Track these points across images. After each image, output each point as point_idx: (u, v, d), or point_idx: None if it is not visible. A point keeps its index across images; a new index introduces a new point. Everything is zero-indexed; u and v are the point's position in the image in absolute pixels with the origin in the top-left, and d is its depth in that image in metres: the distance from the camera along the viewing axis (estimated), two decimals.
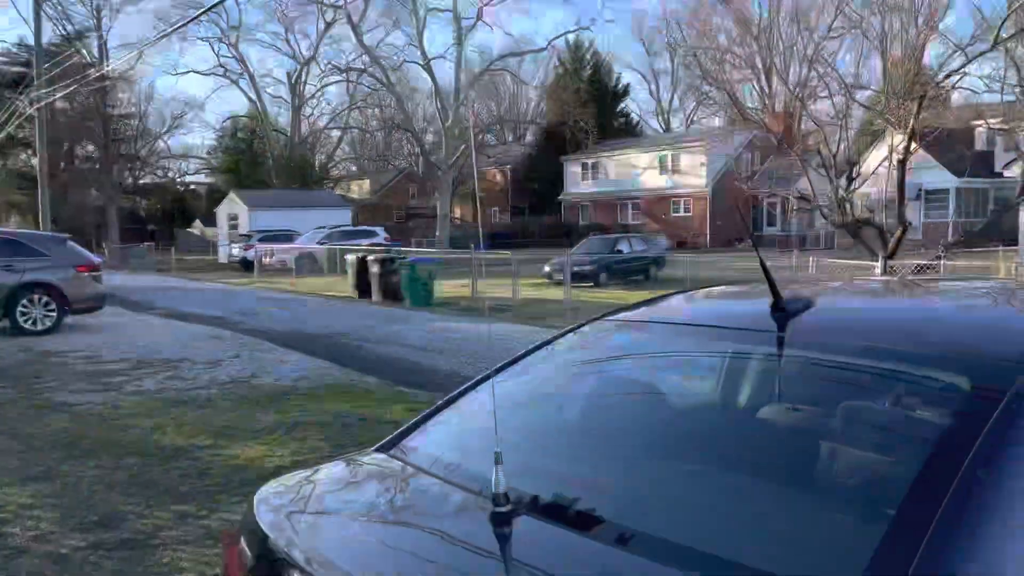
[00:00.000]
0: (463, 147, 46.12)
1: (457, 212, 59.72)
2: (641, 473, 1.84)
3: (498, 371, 2.28)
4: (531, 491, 1.68)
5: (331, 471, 2.02)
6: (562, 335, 2.41)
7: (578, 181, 52.45)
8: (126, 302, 19.84)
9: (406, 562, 1.50)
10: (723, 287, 2.60)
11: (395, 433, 2.18)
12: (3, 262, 12.63)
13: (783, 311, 1.92)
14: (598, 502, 1.68)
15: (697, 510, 1.64)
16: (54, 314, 12.99)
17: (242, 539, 1.75)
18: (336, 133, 63.91)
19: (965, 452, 1.34)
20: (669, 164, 47.22)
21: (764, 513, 1.59)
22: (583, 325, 2.44)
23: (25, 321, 12.78)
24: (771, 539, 1.49)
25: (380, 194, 59.82)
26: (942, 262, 11.56)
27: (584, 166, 52.06)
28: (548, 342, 2.39)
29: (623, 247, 23.74)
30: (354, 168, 68.46)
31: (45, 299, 12.90)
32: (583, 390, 2.22)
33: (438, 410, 2.22)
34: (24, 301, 12.74)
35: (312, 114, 61.68)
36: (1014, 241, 17.33)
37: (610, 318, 2.43)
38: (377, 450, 2.11)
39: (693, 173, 45.75)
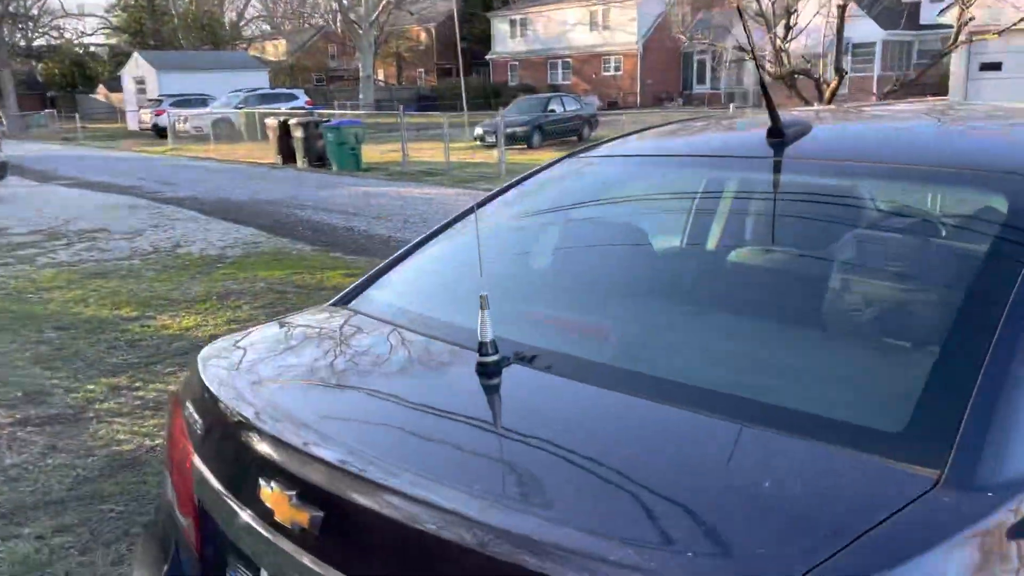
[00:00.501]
0: (384, 3, 43.64)
1: (381, 74, 57.30)
2: (649, 319, 1.67)
3: (470, 211, 2.05)
4: (523, 339, 1.50)
5: (285, 325, 1.79)
6: (536, 172, 2.17)
7: (506, 39, 50.56)
8: (31, 172, 18.62)
9: (387, 420, 1.32)
10: (710, 118, 2.38)
11: (353, 285, 1.96)
12: None
13: (781, 135, 1.73)
14: (593, 347, 1.52)
15: (721, 354, 1.49)
16: None
17: (188, 403, 1.53)
18: None
19: (1012, 279, 1.20)
20: (600, 20, 45.77)
21: (795, 354, 1.44)
22: (558, 162, 2.21)
23: None
24: (803, 379, 1.35)
25: (297, 55, 56.67)
26: None
27: (512, 23, 50.05)
28: (521, 180, 2.16)
29: (555, 107, 23.16)
30: (267, 27, 64.38)
31: None
32: (568, 233, 2.02)
33: (400, 260, 1.99)
34: None
35: None
36: (940, 93, 17.45)
37: (587, 154, 2.20)
38: (335, 304, 1.89)
39: (623, 30, 44.51)
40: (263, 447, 1.27)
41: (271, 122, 19.14)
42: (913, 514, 0.92)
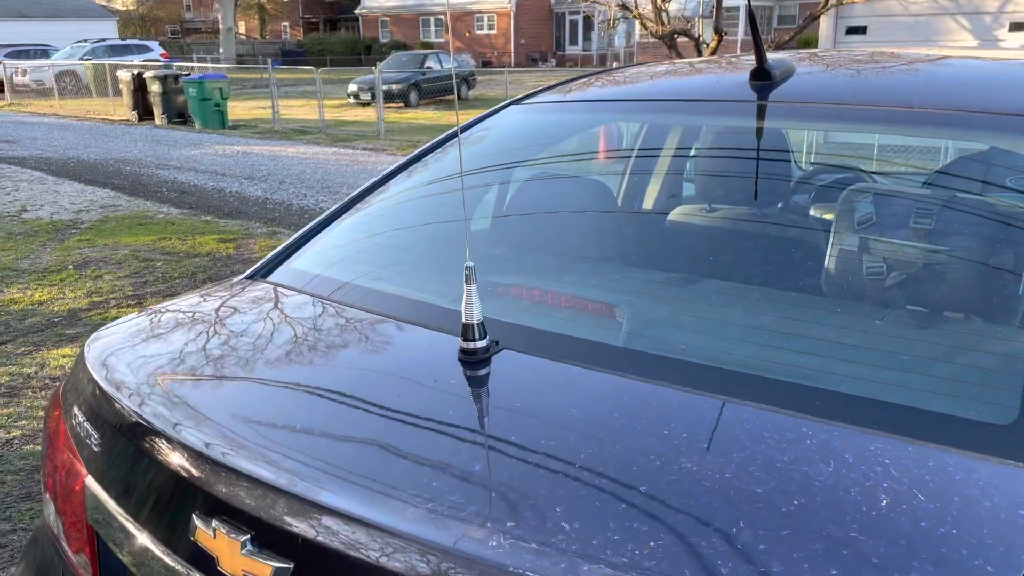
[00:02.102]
0: None
1: (242, 27, 54.31)
2: (652, 290, 1.44)
3: (406, 165, 1.75)
4: (503, 318, 1.24)
5: (193, 304, 1.45)
6: (469, 126, 1.88)
7: None
8: None
9: (349, 430, 1.01)
10: (684, 60, 2.16)
11: (272, 254, 1.63)
12: None
13: (768, 77, 1.54)
14: (609, 328, 1.28)
15: (750, 330, 1.27)
16: None
17: (74, 408, 1.19)
18: None
19: None
20: None
21: (845, 331, 1.24)
22: (501, 109, 1.93)
23: None
24: (862, 360, 1.15)
25: (148, 5, 52.79)
26: None
27: None
28: (464, 128, 1.87)
29: (432, 64, 22.55)
30: None
31: None
32: (530, 194, 1.75)
33: (327, 223, 1.68)
34: None
35: None
36: None
37: (535, 99, 1.93)
38: (250, 276, 1.56)
39: None
40: (194, 470, 0.96)
41: (124, 75, 17.63)
42: None
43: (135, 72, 17.47)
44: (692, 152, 1.87)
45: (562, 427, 0.97)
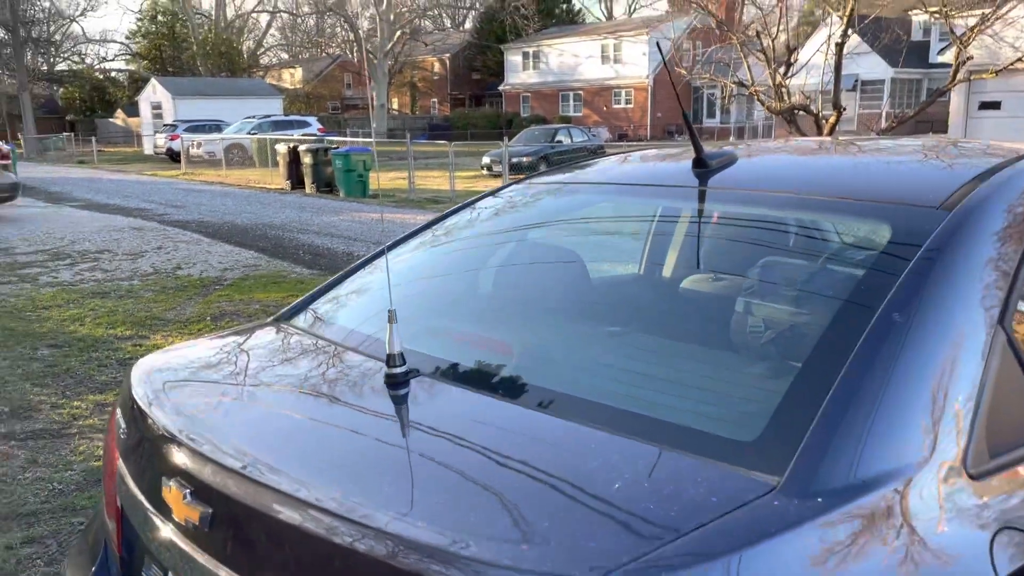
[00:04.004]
0: (399, 33, 44.33)
1: (395, 103, 58.00)
2: (552, 336, 1.76)
3: (406, 238, 2.14)
4: (434, 354, 1.58)
5: (218, 341, 1.87)
6: (473, 202, 2.27)
7: (519, 71, 51.18)
8: (44, 193, 18.92)
9: (288, 426, 1.39)
10: (654, 150, 2.48)
11: (297, 301, 2.04)
12: None
13: (705, 166, 1.82)
14: (507, 364, 1.60)
15: (606, 368, 1.58)
16: None
17: (118, 409, 1.61)
18: (265, 17, 60.76)
19: (877, 302, 1.26)
20: (611, 54, 46.31)
21: (673, 369, 1.52)
22: (498, 191, 2.30)
23: None
24: (678, 393, 1.43)
25: (313, 84, 57.51)
26: None
27: (525, 55, 50.68)
28: (457, 209, 2.25)
29: (562, 138, 23.42)
30: (285, 56, 65.46)
31: None
32: (496, 255, 2.11)
33: (341, 280, 2.08)
34: None
35: None
36: (942, 130, 17.55)
37: (527, 181, 2.30)
38: (273, 320, 1.98)
39: (635, 63, 45.00)
40: (167, 450, 1.35)
41: (281, 148, 19.42)
42: (740, 515, 0.98)
43: (291, 145, 19.19)
44: (640, 229, 2.17)
45: (445, 434, 1.30)
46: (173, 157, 29.55)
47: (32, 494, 3.68)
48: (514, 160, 20.37)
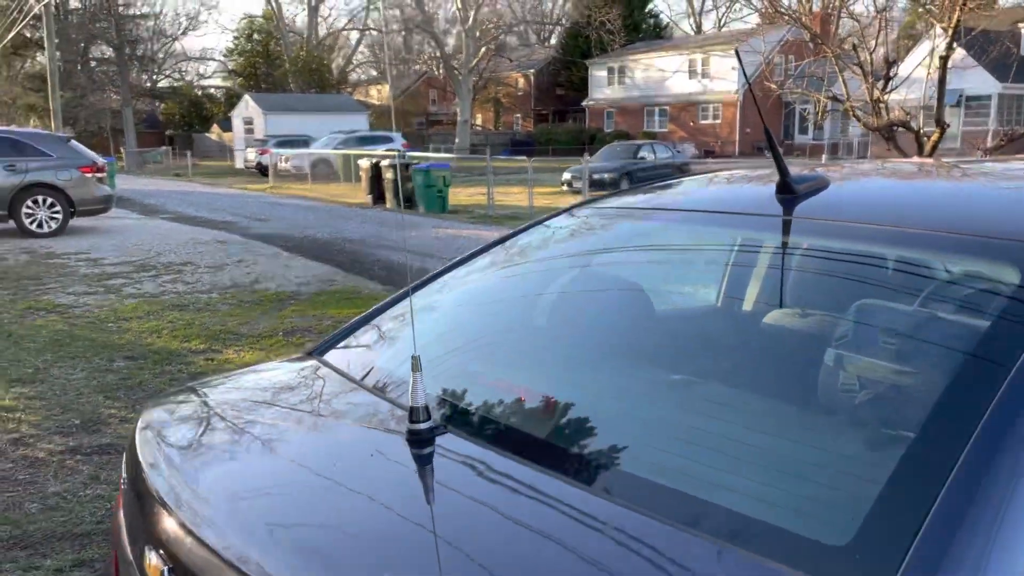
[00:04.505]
0: (484, 49, 44.69)
1: (479, 118, 58.53)
2: (605, 387, 1.51)
3: (447, 269, 1.93)
4: (469, 404, 1.35)
5: (240, 379, 1.70)
6: (530, 227, 2.04)
7: (603, 86, 50.88)
8: (139, 206, 19.65)
9: (290, 499, 1.18)
10: (738, 170, 2.21)
11: (332, 335, 1.85)
12: (4, 162, 12.35)
13: (791, 191, 1.54)
14: (551, 423, 1.36)
15: (662, 431, 1.33)
16: (59, 216, 12.78)
17: (125, 453, 1.45)
18: (355, 35, 62.36)
19: (1008, 361, 0.98)
20: (699, 68, 45.56)
21: (742, 436, 1.25)
22: (558, 214, 2.07)
23: (31, 223, 12.59)
24: (745, 468, 1.16)
25: (399, 99, 58.57)
26: None
27: (610, 70, 50.37)
28: (514, 234, 2.03)
29: (645, 154, 23.01)
30: (374, 72, 66.98)
31: (50, 200, 12.66)
32: (550, 288, 1.87)
33: (385, 309, 1.88)
34: (28, 202, 12.52)
35: (330, 15, 60.04)
36: None
37: (590, 205, 2.05)
38: (306, 354, 1.79)
39: (724, 78, 44.10)
40: (155, 516, 1.17)
41: (364, 163, 19.67)
42: None
43: (373, 161, 19.42)
44: (711, 263, 1.90)
45: (466, 512, 1.07)
46: (262, 171, 30.41)
47: (89, 513, 3.62)
48: (595, 176, 20.09)
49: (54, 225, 12.76)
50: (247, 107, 41.91)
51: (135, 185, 27.17)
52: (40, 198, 12.59)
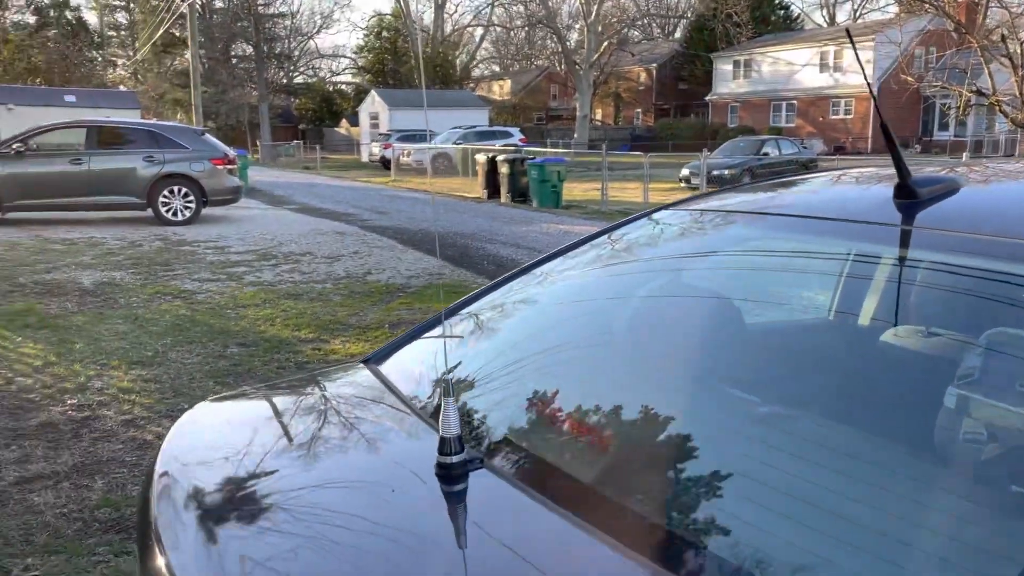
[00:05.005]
0: (606, 44, 44.25)
1: (599, 113, 58.08)
2: (688, 426, 1.30)
3: (515, 275, 1.80)
4: (514, 432, 1.22)
5: (285, 388, 1.63)
6: (614, 228, 1.89)
7: (728, 80, 49.37)
8: (268, 196, 20.53)
9: (281, 534, 1.07)
10: (851, 170, 1.98)
11: (394, 340, 1.77)
12: (144, 153, 13.14)
13: (912, 196, 1.33)
14: (602, 463, 1.19)
15: (763, 486, 1.11)
16: (193, 205, 13.49)
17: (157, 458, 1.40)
18: (479, 32, 63.15)
19: None
20: (831, 61, 43.48)
21: (837, 487, 1.05)
22: (645, 215, 1.91)
23: (166, 211, 13.35)
24: (840, 533, 0.96)
25: (520, 95, 58.87)
26: None
27: (736, 64, 48.81)
28: (594, 236, 1.88)
29: (769, 149, 22.11)
30: (496, 68, 67.64)
31: (184, 190, 13.38)
32: (626, 299, 1.71)
33: (454, 312, 1.77)
34: (165, 192, 13.27)
35: (455, 12, 61.07)
36: None
37: (681, 206, 1.88)
38: (361, 361, 1.71)
39: (857, 71, 41.88)
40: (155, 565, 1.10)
41: (480, 158, 19.83)
42: None
43: (489, 155, 19.54)
44: (812, 277, 1.67)
45: (491, 567, 0.94)
46: (385, 165, 31.22)
47: None
48: (715, 173, 19.47)
49: (187, 214, 13.48)
50: (373, 102, 43.17)
51: (266, 177, 28.44)
52: (175, 188, 13.33)
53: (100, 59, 52.20)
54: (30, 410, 4.78)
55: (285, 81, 58.58)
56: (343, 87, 64.62)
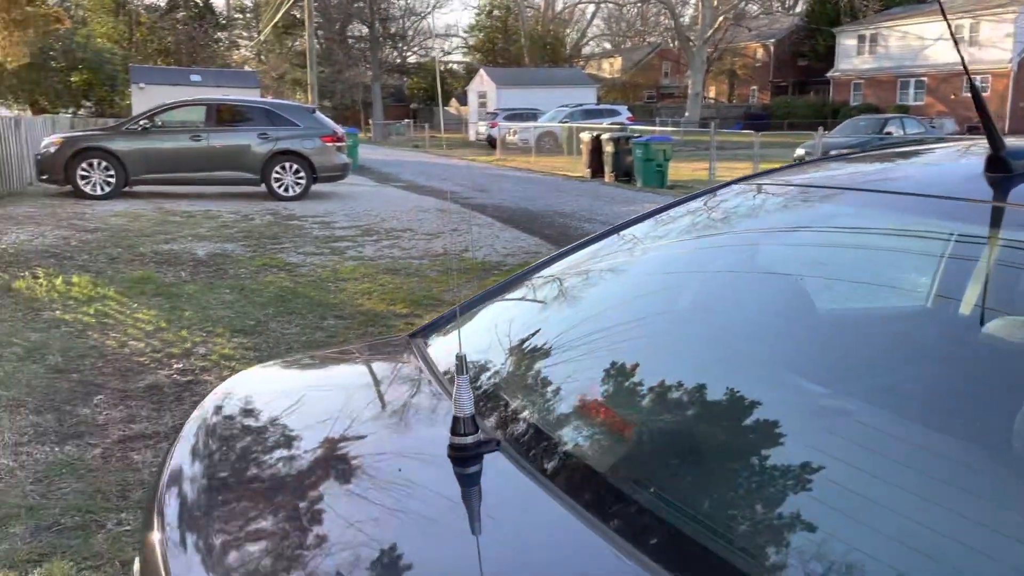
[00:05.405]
0: (721, 19, 42.87)
1: (712, 91, 56.48)
2: (746, 421, 1.17)
3: (572, 249, 1.74)
4: (543, 417, 1.16)
5: (328, 358, 1.62)
6: (681, 202, 1.79)
7: (852, 56, 46.98)
8: (376, 174, 21.01)
9: (285, 513, 1.04)
10: (942, 142, 1.81)
11: (443, 314, 1.74)
12: (259, 130, 13.65)
13: (1005, 169, 1.20)
14: (653, 452, 1.11)
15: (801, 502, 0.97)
16: (303, 181, 13.94)
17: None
18: (591, 8, 62.38)
19: None
20: (966, 35, 40.66)
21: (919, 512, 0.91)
22: (718, 189, 1.80)
23: (278, 187, 13.85)
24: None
25: (630, 72, 57.91)
26: None
27: (861, 38, 46.36)
28: (658, 211, 1.79)
29: (893, 129, 20.92)
30: (607, 46, 66.74)
31: (295, 167, 13.83)
32: (685, 279, 1.61)
33: (502, 290, 1.73)
34: (277, 168, 13.76)
35: None
36: None
37: (751, 181, 1.77)
38: (414, 334, 1.69)
39: (994, 46, 39.07)
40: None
41: (584, 136, 19.63)
42: None
43: (594, 134, 19.32)
44: (885, 255, 1.51)
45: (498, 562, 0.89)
46: (491, 143, 31.39)
47: None
48: (832, 153, 18.61)
49: (298, 190, 13.94)
50: (481, 81, 43.42)
51: (376, 155, 29.12)
52: (287, 164, 13.80)
53: (225, 40, 54.58)
54: (139, 372, 5.05)
55: (398, 61, 59.73)
56: (454, 66, 65.32)
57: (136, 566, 1.06)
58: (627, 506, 0.96)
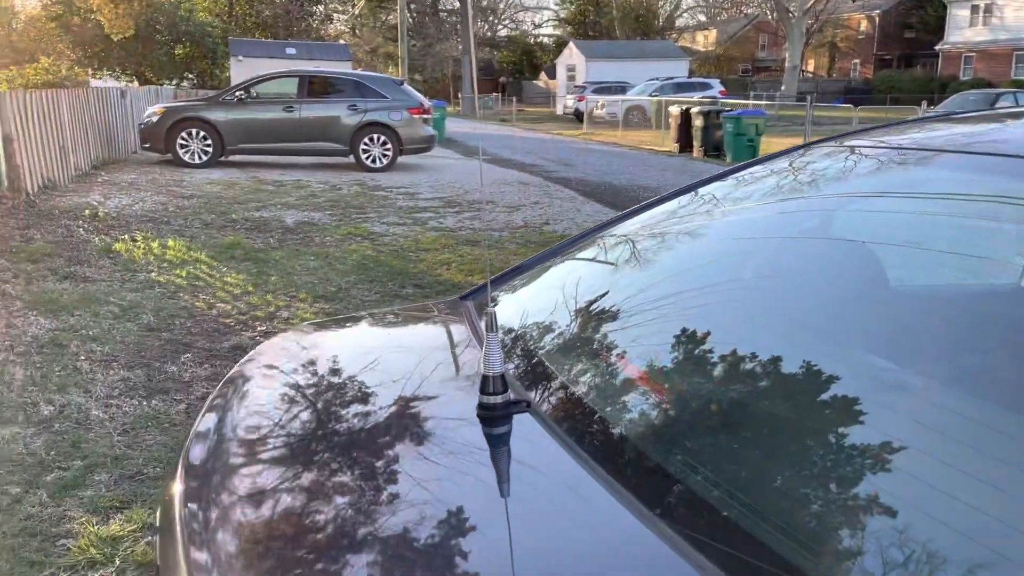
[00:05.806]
0: None
1: (811, 65, 54.39)
2: (808, 399, 1.08)
3: (629, 213, 1.69)
4: (580, 383, 1.13)
5: (381, 317, 1.62)
6: (747, 166, 1.71)
7: (963, 27, 44.37)
8: (462, 147, 21.12)
9: (303, 458, 1.04)
10: None
11: (494, 277, 1.72)
12: (348, 102, 13.89)
13: None
14: (694, 426, 1.06)
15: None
16: (390, 153, 14.13)
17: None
18: None
19: None
20: None
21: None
22: (791, 151, 1.72)
23: (366, 158, 14.08)
24: None
25: (725, 45, 56.27)
26: None
27: (974, 9, 43.70)
28: (727, 173, 1.72)
29: (1006, 104, 19.67)
30: (702, 18, 64.99)
31: (383, 139, 14.03)
32: (749, 245, 1.53)
33: (551, 256, 1.70)
34: (365, 139, 13.99)
35: None
36: None
37: (844, 140, 1.68)
38: (462, 297, 1.68)
39: None
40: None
41: (674, 110, 19.22)
42: None
43: (683, 108, 18.88)
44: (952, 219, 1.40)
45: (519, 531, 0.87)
46: (579, 117, 31.09)
47: None
48: None
49: (384, 161, 14.15)
50: (571, 54, 42.97)
51: (464, 128, 29.26)
52: (375, 136, 14.01)
53: (320, 14, 55.62)
54: (225, 333, 5.24)
55: (489, 34, 59.72)
56: (544, 40, 64.86)
57: (157, 514, 1.09)
58: (657, 478, 0.92)
